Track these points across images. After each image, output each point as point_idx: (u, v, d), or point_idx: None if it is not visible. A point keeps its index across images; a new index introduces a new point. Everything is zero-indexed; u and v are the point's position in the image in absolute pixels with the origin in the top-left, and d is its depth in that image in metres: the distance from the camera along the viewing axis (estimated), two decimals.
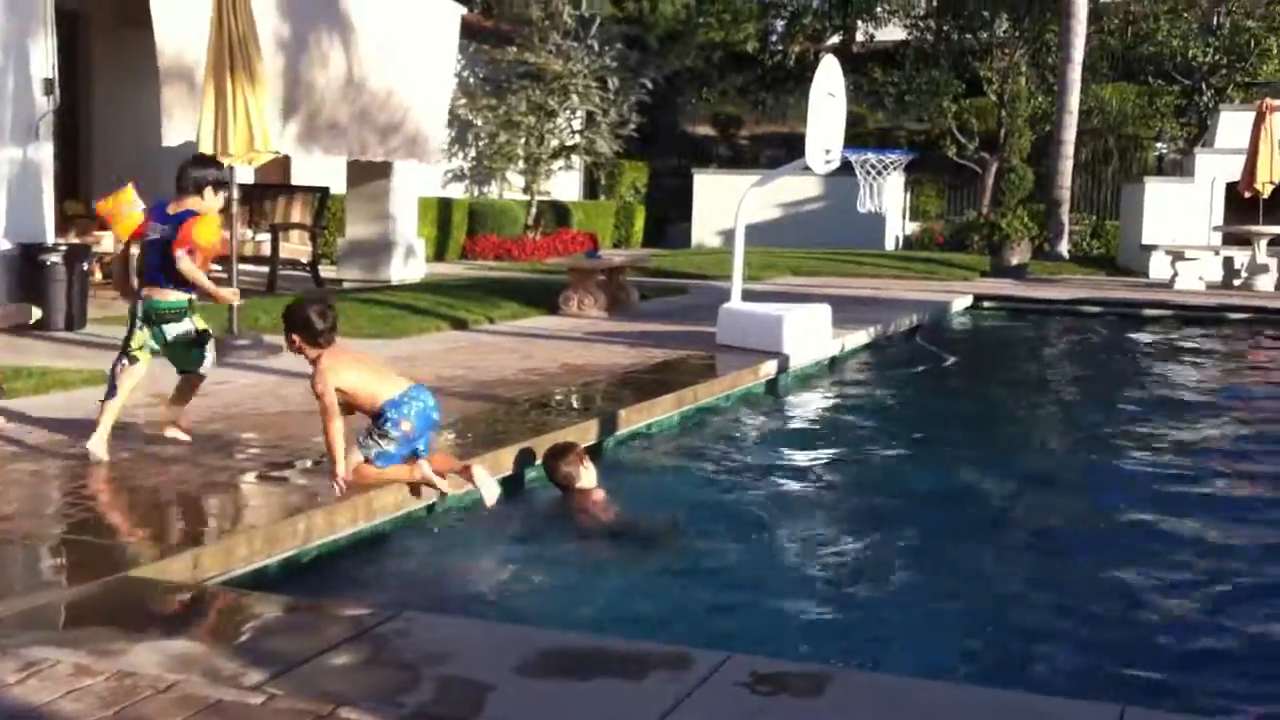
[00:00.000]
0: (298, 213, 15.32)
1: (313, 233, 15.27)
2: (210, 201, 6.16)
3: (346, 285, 15.46)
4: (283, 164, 17.98)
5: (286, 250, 14.89)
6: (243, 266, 14.91)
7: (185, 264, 5.93)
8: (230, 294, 6.87)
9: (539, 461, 6.44)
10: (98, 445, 5.89)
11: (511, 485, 6.33)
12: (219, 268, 12.74)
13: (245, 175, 14.79)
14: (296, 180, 17.86)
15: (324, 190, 15.61)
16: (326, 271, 15.98)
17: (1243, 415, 10.21)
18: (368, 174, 15.97)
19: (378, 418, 5.41)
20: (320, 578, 4.91)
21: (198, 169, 6.23)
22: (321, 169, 17.11)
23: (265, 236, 14.73)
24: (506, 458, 6.45)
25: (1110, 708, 3.36)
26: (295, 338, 5.46)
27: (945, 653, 4.38)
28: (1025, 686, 3.75)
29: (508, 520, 5.77)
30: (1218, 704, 4.00)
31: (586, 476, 6.18)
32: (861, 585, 5.17)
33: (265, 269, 14.59)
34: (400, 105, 15.08)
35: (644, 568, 5.30)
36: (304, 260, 15.19)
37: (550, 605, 4.79)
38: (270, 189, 16.01)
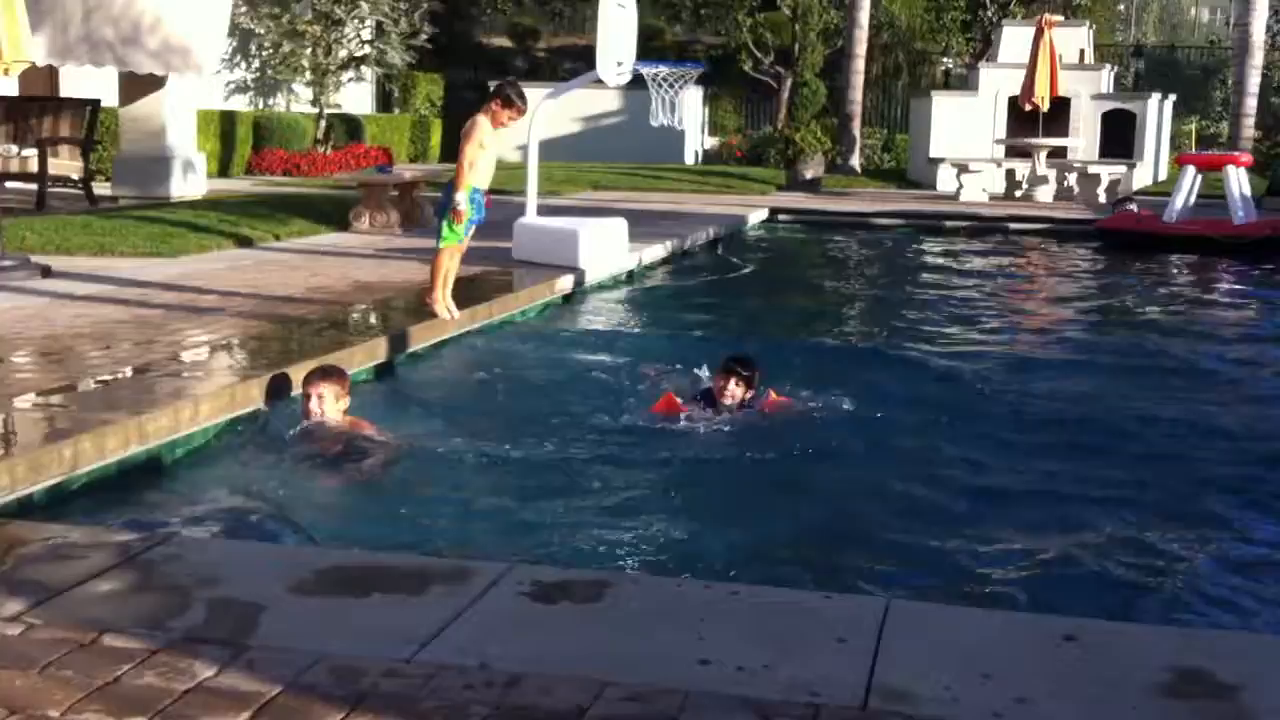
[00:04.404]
0: (66, 127, 14.48)
1: (84, 148, 14.47)
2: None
3: (123, 203, 14.73)
4: (49, 76, 16.97)
5: (55, 166, 14.10)
6: (10, 184, 14.12)
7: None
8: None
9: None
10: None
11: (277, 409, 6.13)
12: None
13: (9, 87, 13.92)
14: (65, 93, 16.86)
15: (94, 103, 14.76)
16: (101, 189, 15.20)
17: (1013, 312, 10.80)
18: (140, 86, 15.16)
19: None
20: (91, 505, 4.70)
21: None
22: (94, 81, 16.18)
23: (32, 152, 13.90)
24: (296, 376, 6.26)
25: (876, 601, 3.48)
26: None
27: (719, 555, 4.47)
28: (793, 584, 3.85)
29: (282, 444, 5.62)
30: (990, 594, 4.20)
31: (336, 406, 5.77)
32: (652, 491, 5.23)
33: (34, 186, 13.80)
34: (165, 14, 14.29)
35: (419, 486, 5.23)
36: (75, 177, 14.42)
37: (328, 528, 4.69)
38: (36, 102, 15.09)
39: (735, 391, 6.29)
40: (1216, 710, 2.87)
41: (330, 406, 5.70)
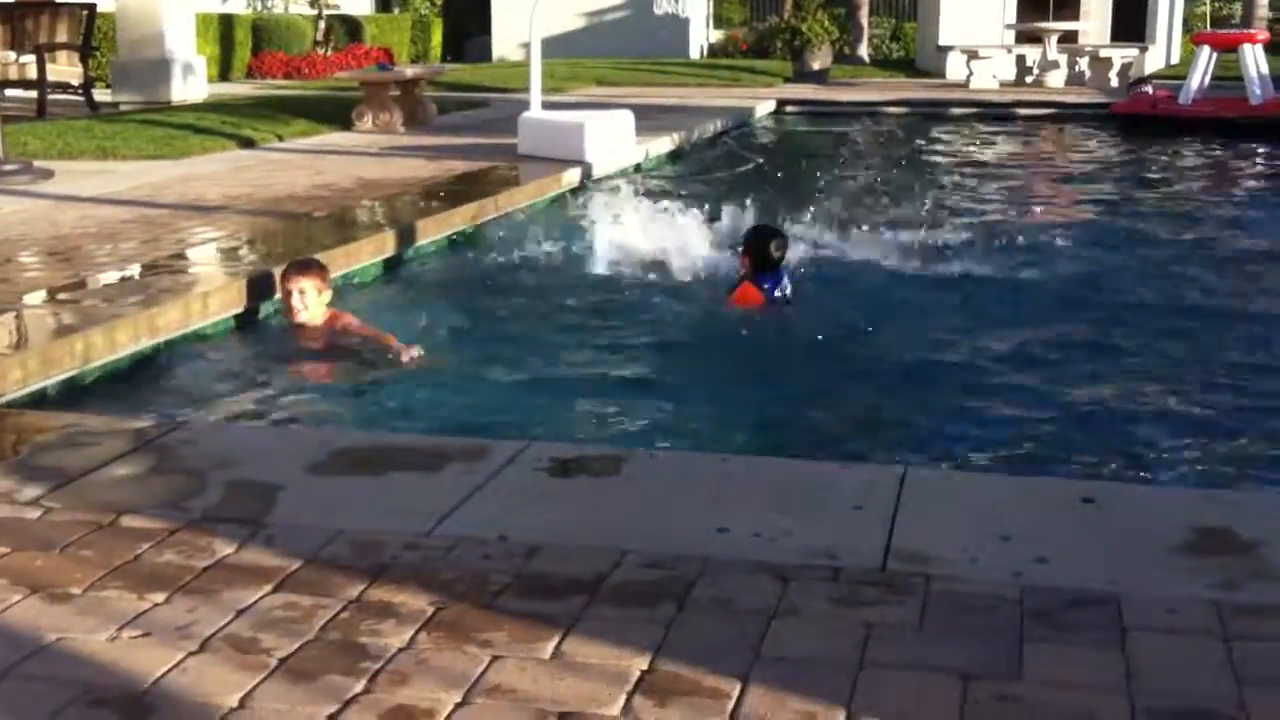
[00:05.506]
0: (64, 31, 14.26)
1: (82, 53, 14.28)
2: None
3: (124, 108, 14.58)
4: None
5: (54, 73, 13.92)
6: (9, 92, 13.97)
7: None
8: None
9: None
10: None
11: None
12: None
13: None
14: None
15: (91, 7, 14.52)
16: (101, 95, 15.03)
17: (1027, 195, 10.77)
18: None
19: None
20: (104, 397, 4.70)
21: None
22: None
23: (30, 58, 13.72)
24: None
25: (892, 469, 3.47)
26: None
27: (734, 431, 4.46)
28: (808, 455, 3.84)
29: (289, 337, 5.58)
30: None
31: (319, 300, 5.48)
32: (663, 372, 5.21)
33: (33, 93, 13.65)
34: None
35: (429, 374, 5.21)
36: (75, 83, 14.25)
37: (340, 416, 4.68)
38: (32, 6, 14.84)
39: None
40: (1237, 565, 2.86)
41: (313, 300, 5.38)
